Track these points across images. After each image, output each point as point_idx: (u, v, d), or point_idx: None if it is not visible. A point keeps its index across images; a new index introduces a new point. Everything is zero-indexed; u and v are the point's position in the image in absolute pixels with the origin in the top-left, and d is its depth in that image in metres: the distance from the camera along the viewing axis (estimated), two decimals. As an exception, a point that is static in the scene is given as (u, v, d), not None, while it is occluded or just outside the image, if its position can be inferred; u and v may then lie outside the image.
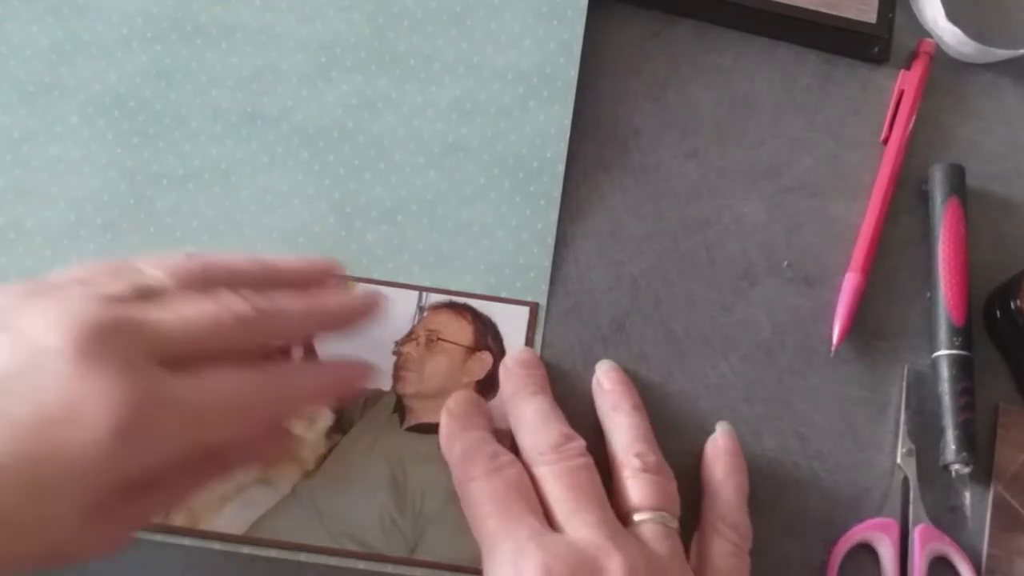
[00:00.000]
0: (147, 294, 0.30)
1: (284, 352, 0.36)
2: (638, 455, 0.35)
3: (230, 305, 0.31)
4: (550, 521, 0.32)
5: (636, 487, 0.34)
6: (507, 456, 0.34)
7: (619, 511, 0.34)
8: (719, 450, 0.37)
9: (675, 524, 0.34)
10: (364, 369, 0.35)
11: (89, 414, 0.27)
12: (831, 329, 0.40)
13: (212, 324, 0.30)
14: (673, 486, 0.35)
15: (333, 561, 0.36)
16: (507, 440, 0.36)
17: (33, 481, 0.26)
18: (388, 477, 0.37)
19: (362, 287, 0.39)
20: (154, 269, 0.31)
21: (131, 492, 0.29)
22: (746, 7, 0.43)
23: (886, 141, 0.43)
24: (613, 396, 0.37)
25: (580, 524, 0.32)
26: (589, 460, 0.34)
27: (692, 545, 0.35)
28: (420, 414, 0.38)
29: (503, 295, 0.40)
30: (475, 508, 0.33)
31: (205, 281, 0.31)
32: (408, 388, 0.38)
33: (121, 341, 0.28)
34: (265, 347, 0.33)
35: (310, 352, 0.37)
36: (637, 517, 0.33)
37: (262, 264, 0.34)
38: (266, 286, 0.33)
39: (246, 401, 0.31)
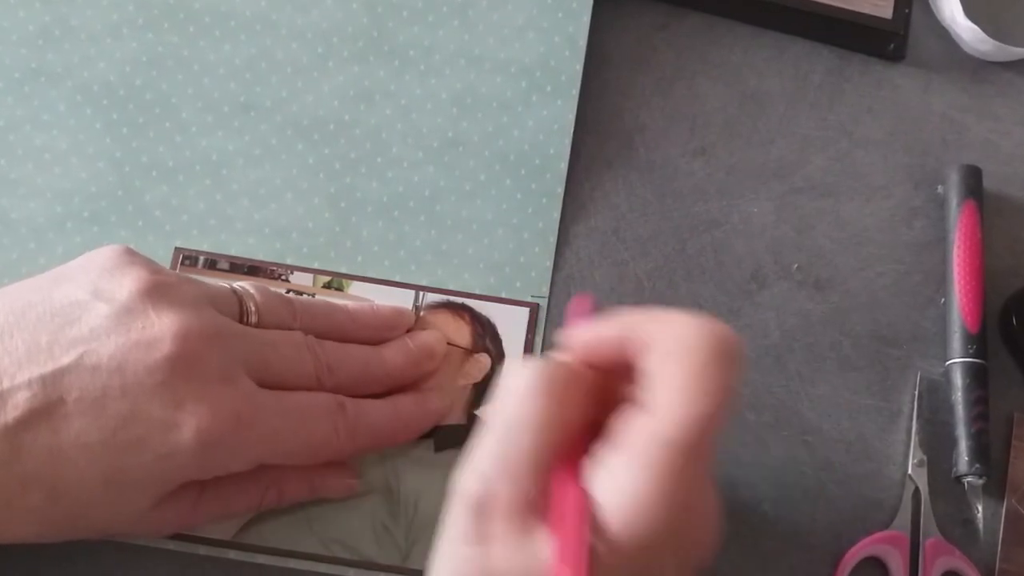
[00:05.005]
0: (247, 314, 0.33)
1: None
2: None
3: (311, 347, 0.33)
4: None
5: None
6: None
7: None
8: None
9: None
10: (436, 413, 0.36)
11: (180, 421, 0.29)
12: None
13: (296, 356, 0.32)
14: None
15: (323, 568, 0.35)
16: None
17: (116, 468, 0.29)
18: (381, 483, 0.36)
19: (358, 292, 0.38)
20: (254, 295, 0.33)
21: (195, 492, 0.32)
22: (757, 0, 0.42)
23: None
24: None
25: None
26: None
27: None
28: (415, 417, 0.37)
29: (503, 295, 0.39)
30: None
31: (291, 322, 0.34)
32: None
33: (219, 351, 0.30)
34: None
35: None
36: None
37: (341, 313, 0.36)
38: (341, 337, 0.35)
39: (319, 424, 0.32)
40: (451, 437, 0.37)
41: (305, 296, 0.38)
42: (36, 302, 0.30)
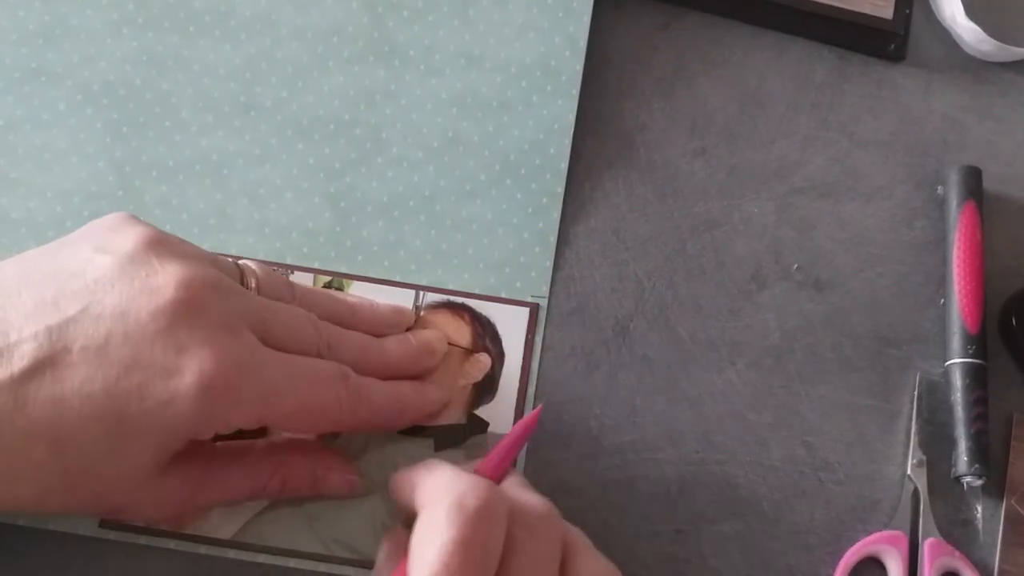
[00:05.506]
0: (247, 287, 0.33)
1: None
2: None
3: (312, 321, 0.33)
4: None
5: None
6: None
7: None
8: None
9: None
10: (434, 402, 0.36)
11: (182, 366, 0.28)
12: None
13: (296, 321, 0.32)
14: None
15: (323, 567, 0.35)
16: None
17: (118, 417, 0.28)
18: (380, 482, 0.36)
19: (358, 292, 0.38)
20: (255, 270, 0.33)
21: (199, 469, 0.32)
22: (758, 0, 0.42)
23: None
24: None
25: None
26: None
27: None
28: (415, 417, 0.37)
29: (503, 295, 0.39)
30: None
31: (290, 302, 0.34)
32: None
33: (222, 303, 0.30)
34: None
35: None
36: None
37: (341, 303, 0.36)
38: (340, 323, 0.35)
39: (327, 400, 0.32)
40: (450, 437, 0.37)
41: (306, 285, 0.38)
42: (42, 263, 0.30)
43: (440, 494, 0.28)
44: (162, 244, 0.30)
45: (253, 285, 0.33)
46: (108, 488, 0.30)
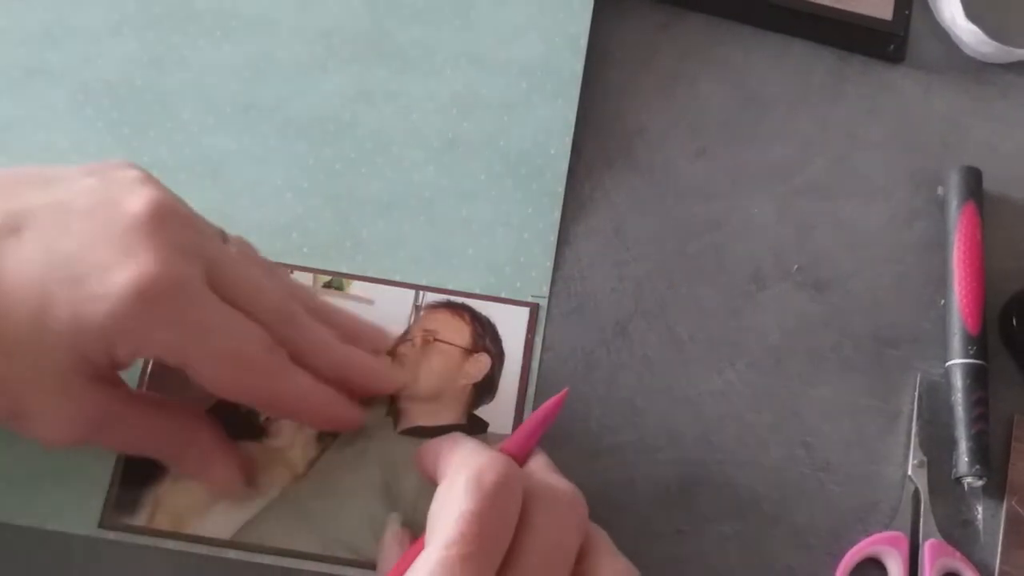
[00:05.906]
0: (223, 239, 0.33)
1: None
2: None
3: (272, 287, 0.32)
4: None
5: None
6: None
7: None
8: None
9: None
10: (355, 416, 0.35)
11: (124, 266, 0.28)
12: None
13: (258, 289, 0.32)
14: None
15: (323, 568, 0.35)
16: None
17: (47, 298, 0.28)
18: (381, 482, 0.36)
19: (358, 292, 0.38)
20: (236, 240, 0.34)
21: (114, 396, 0.31)
22: (759, 1, 0.42)
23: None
24: None
25: None
26: None
27: None
28: (415, 417, 0.37)
29: (503, 295, 0.39)
30: None
31: (264, 272, 0.33)
32: (402, 390, 0.37)
33: (185, 234, 0.30)
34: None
35: None
36: None
37: (321, 300, 0.36)
38: (315, 316, 0.34)
39: (251, 356, 0.31)
40: (451, 437, 0.37)
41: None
42: (31, 170, 0.31)
43: (461, 466, 0.29)
44: (151, 179, 0.31)
45: (232, 252, 0.33)
46: (20, 379, 0.29)
